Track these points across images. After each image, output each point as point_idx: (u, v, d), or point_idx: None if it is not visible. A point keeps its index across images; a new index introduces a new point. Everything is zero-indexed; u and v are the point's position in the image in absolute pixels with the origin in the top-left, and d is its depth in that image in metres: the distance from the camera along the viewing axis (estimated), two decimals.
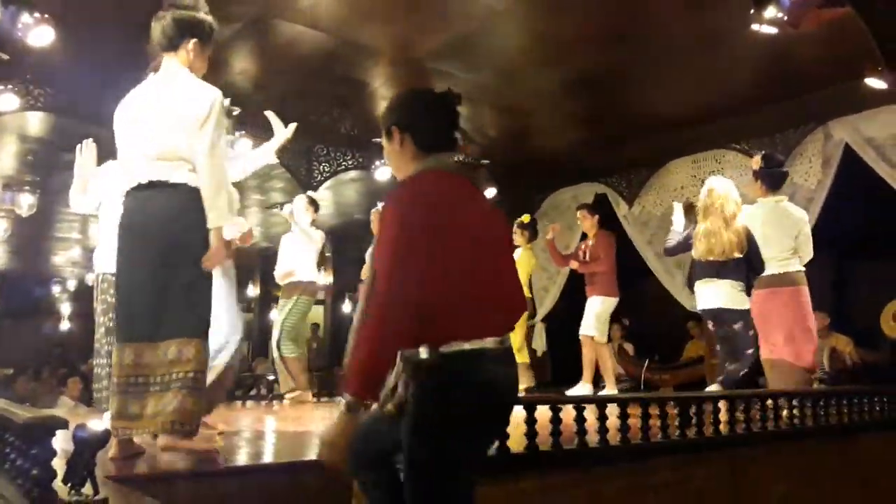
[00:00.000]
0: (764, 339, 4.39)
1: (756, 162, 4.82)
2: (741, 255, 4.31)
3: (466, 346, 1.75)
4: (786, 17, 4.45)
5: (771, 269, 4.41)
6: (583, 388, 5.94)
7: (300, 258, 5.95)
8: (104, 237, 3.83)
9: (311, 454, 2.98)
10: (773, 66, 5.51)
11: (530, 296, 6.33)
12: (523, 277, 6.04)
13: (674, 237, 4.86)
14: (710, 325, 4.69)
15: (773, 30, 4.49)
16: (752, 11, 4.45)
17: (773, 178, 4.67)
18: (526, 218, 6.52)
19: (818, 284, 4.99)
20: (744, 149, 6.72)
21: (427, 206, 1.78)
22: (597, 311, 6.03)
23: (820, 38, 4.94)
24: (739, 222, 4.38)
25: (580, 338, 6.09)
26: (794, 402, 3.73)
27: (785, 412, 3.67)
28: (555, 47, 5.47)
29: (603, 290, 6.06)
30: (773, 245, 4.46)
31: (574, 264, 6.24)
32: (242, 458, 2.87)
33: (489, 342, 1.79)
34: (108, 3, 4.97)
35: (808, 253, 4.63)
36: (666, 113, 6.47)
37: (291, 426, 4.18)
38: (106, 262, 3.68)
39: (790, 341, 4.36)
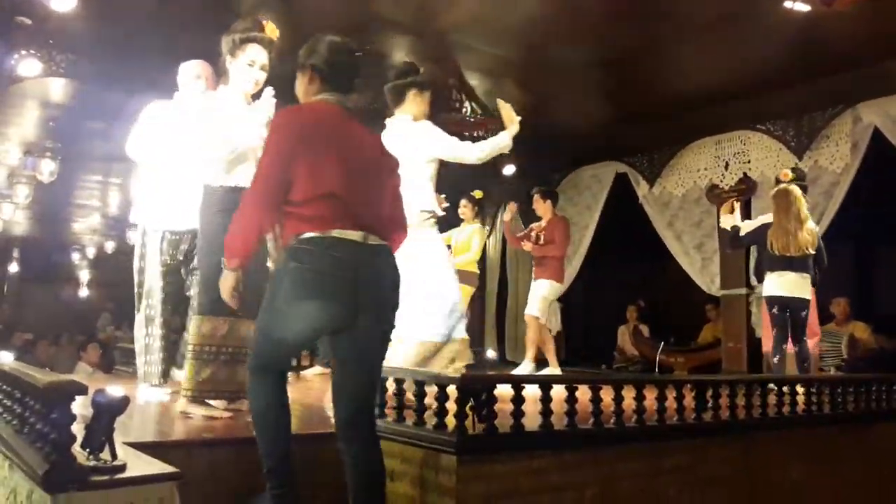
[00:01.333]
0: None
1: (786, 175, 5.23)
2: (812, 252, 4.93)
3: (317, 234, 2.12)
4: None
5: None
6: (526, 367, 6.02)
7: None
8: (169, 191, 3.53)
9: (330, 426, 3.00)
10: (801, 45, 5.38)
11: (478, 271, 6.36)
12: (472, 252, 6.12)
13: (743, 230, 5.33)
14: (775, 310, 5.00)
15: (805, 7, 4.39)
16: None
17: None
18: (478, 194, 6.52)
19: (840, 270, 4.94)
20: (768, 130, 6.60)
21: (301, 123, 2.25)
22: (544, 293, 6.11)
23: (852, 17, 4.79)
24: (810, 223, 5.03)
25: (525, 318, 6.21)
26: (812, 389, 3.69)
27: (801, 398, 3.64)
28: (579, 22, 5.37)
29: (552, 273, 6.13)
30: None
31: (528, 245, 6.26)
32: None
33: (343, 233, 2.14)
34: None
35: (823, 262, 5.14)
36: (689, 92, 6.35)
37: (310, 398, 4.20)
38: (169, 218, 3.52)
39: None
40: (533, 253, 6.27)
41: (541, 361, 6.19)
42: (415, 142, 3.42)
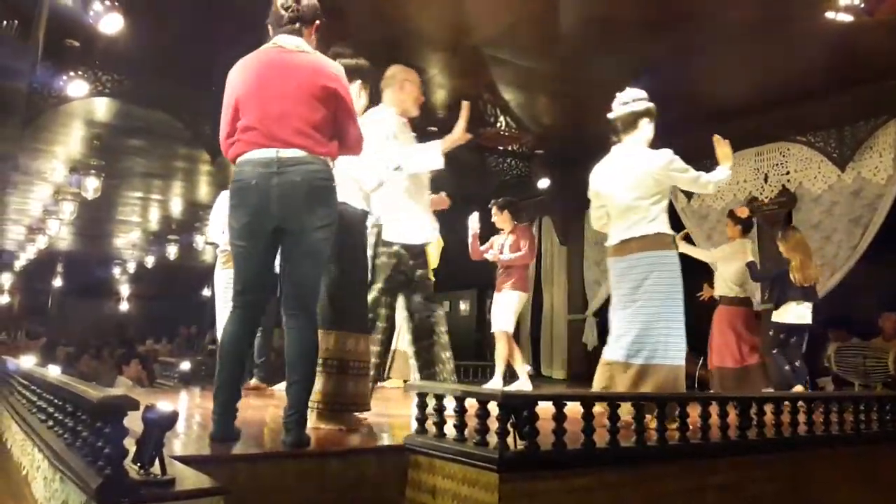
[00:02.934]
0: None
1: (743, 211, 6.04)
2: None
3: (239, 157, 2.64)
4: (862, 4, 4.27)
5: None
6: (496, 383, 5.90)
7: None
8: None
9: (370, 441, 3.02)
10: (842, 54, 5.29)
11: (433, 279, 6.25)
12: (430, 261, 5.89)
13: (764, 273, 6.05)
14: (782, 336, 5.62)
15: (848, 17, 4.32)
16: None
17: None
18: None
19: (887, 285, 4.82)
20: (809, 141, 6.49)
21: (232, 75, 2.76)
22: (514, 307, 5.97)
23: (894, 26, 4.72)
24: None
25: (495, 333, 6.03)
26: (860, 407, 3.59)
27: (849, 416, 3.54)
28: (612, 33, 5.36)
29: (519, 284, 6.00)
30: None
31: (494, 256, 6.06)
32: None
33: (256, 153, 2.59)
34: None
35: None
36: (727, 102, 6.28)
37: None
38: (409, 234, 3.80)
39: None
40: (499, 263, 6.05)
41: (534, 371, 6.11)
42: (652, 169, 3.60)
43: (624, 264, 3.56)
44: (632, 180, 3.58)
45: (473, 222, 5.99)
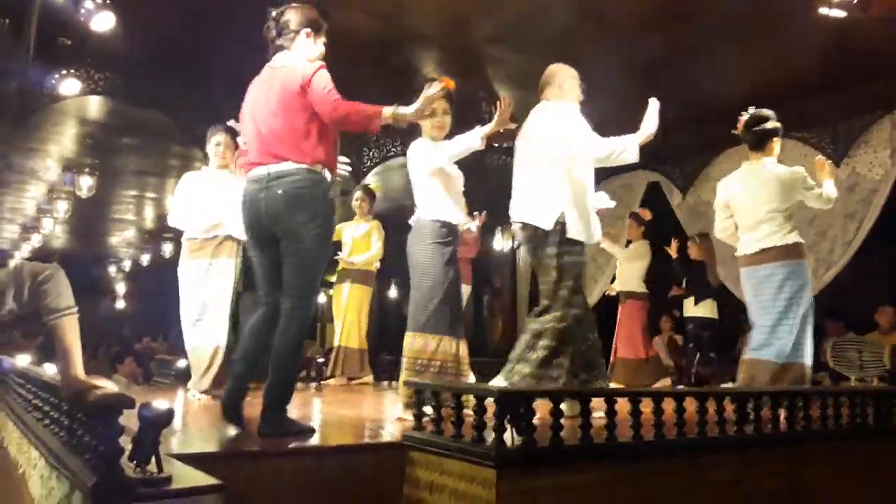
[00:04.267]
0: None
1: (644, 212, 6.58)
2: None
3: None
4: (855, 0, 4.28)
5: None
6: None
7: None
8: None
9: (366, 437, 3.02)
10: (836, 51, 5.30)
11: (375, 270, 6.31)
12: (374, 251, 6.07)
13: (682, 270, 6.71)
14: (694, 329, 6.50)
15: (841, 13, 4.33)
16: None
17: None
18: (376, 188, 6.47)
19: (884, 279, 4.84)
20: (803, 137, 6.50)
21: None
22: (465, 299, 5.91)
23: (889, 22, 4.72)
24: None
25: None
26: (856, 401, 3.60)
27: (846, 411, 3.55)
28: (610, 31, 5.36)
29: (465, 279, 5.90)
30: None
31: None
32: (299, 440, 2.91)
33: (252, 172, 2.91)
34: None
35: None
36: (722, 99, 6.26)
37: (345, 410, 4.22)
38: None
39: None
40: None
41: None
42: None
43: (764, 272, 3.93)
44: (767, 194, 3.97)
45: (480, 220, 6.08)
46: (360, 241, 6.19)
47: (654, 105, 3.75)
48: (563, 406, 2.47)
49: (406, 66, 6.05)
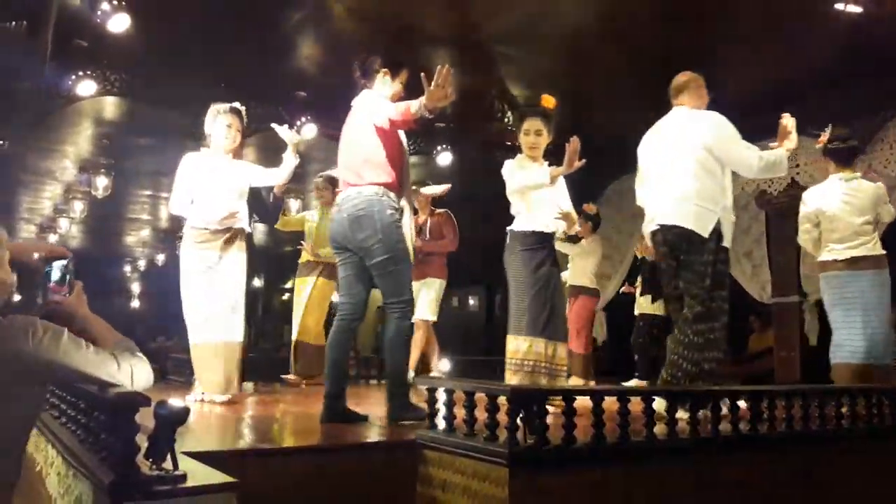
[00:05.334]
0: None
1: (590, 207, 6.41)
2: None
3: None
4: None
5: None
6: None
7: None
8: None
9: (380, 436, 3.03)
10: (852, 48, 5.25)
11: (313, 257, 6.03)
12: (320, 237, 5.78)
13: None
14: (646, 326, 6.89)
15: (857, 9, 4.29)
16: None
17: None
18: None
19: None
20: (819, 135, 6.43)
21: None
22: (437, 294, 5.87)
23: None
24: None
25: (417, 322, 5.74)
26: (873, 400, 3.57)
27: (862, 409, 3.51)
28: (621, 27, 5.34)
29: (440, 272, 5.89)
30: None
31: (415, 242, 5.86)
32: (312, 438, 2.93)
33: (337, 198, 3.46)
34: None
35: None
36: (735, 96, 6.20)
37: (357, 408, 4.23)
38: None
39: None
40: (420, 249, 5.62)
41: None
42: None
43: (854, 278, 4.26)
44: (860, 207, 4.34)
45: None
46: (324, 232, 5.65)
47: (790, 122, 3.86)
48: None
49: (413, 62, 6.06)
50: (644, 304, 7.00)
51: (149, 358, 2.03)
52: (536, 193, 4.00)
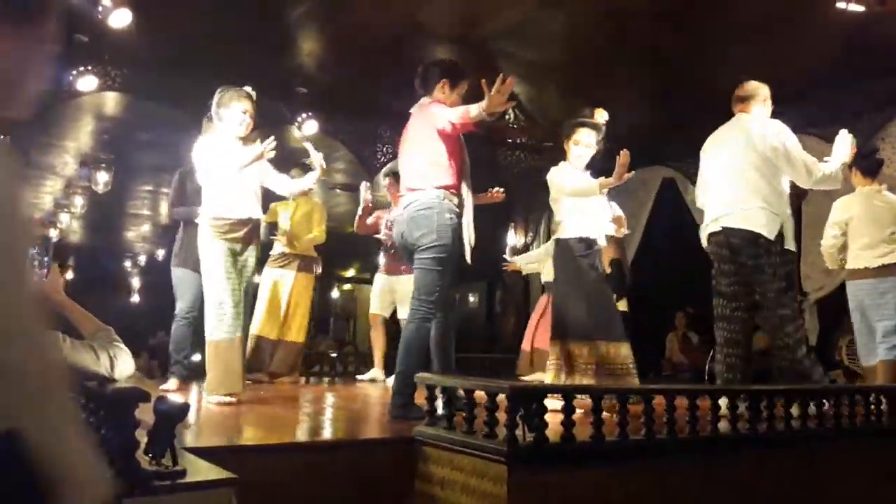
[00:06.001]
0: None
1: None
2: None
3: None
4: None
5: None
6: (377, 374, 5.84)
7: None
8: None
9: (380, 432, 3.03)
10: (854, 46, 5.24)
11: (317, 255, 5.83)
12: (317, 233, 5.63)
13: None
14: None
15: (860, 8, 4.28)
16: None
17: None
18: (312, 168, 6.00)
19: None
20: (821, 134, 6.42)
21: None
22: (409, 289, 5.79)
23: None
24: None
25: (374, 318, 5.83)
26: (870, 399, 3.56)
27: (861, 409, 3.51)
28: (622, 24, 5.33)
29: (402, 268, 5.54)
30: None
31: (387, 235, 5.42)
32: (312, 434, 2.93)
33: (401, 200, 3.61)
34: None
35: None
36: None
37: (357, 404, 4.25)
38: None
39: None
40: (390, 243, 5.43)
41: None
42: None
43: (886, 284, 4.51)
44: (890, 218, 4.60)
45: (364, 193, 5.43)
46: (299, 222, 5.56)
47: (848, 138, 3.95)
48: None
49: (414, 59, 6.05)
50: None
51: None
52: (584, 200, 4.12)
